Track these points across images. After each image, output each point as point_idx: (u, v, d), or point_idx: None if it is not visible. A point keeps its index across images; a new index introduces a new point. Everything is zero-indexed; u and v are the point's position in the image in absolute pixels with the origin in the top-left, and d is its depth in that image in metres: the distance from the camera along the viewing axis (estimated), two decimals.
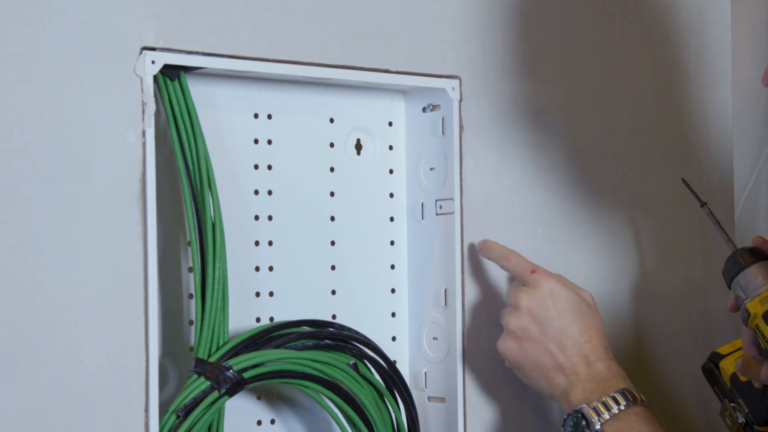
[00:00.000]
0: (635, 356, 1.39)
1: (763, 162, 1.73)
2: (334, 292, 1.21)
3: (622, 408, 1.13)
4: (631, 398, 1.14)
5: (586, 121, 1.35)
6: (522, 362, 1.19)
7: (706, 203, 1.20)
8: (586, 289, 1.21)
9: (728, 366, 1.23)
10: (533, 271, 1.20)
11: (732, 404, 1.22)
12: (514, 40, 1.28)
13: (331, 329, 1.14)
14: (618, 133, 1.38)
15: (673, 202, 1.43)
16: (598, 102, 1.36)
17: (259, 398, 1.17)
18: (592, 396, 1.14)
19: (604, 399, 1.13)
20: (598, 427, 1.12)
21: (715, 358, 1.26)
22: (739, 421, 1.21)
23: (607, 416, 1.12)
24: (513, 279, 1.24)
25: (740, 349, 1.20)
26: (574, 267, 1.32)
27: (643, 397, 1.15)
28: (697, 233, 1.45)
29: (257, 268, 1.16)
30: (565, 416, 1.15)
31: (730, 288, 1.16)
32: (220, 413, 1.08)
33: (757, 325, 1.12)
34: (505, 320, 1.19)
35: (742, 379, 1.20)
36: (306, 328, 1.13)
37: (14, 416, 0.96)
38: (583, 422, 1.12)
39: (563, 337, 1.17)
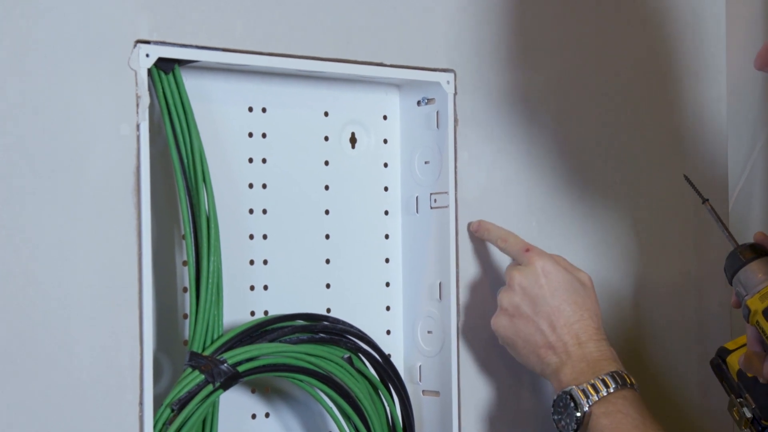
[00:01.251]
0: (630, 349, 1.39)
1: (757, 155, 1.73)
2: (328, 286, 1.21)
3: (611, 391, 1.13)
4: (620, 381, 1.14)
5: (581, 114, 1.35)
6: (514, 339, 1.19)
7: (707, 200, 1.20)
8: (584, 271, 1.21)
9: (735, 361, 1.23)
10: (527, 250, 1.20)
11: (739, 399, 1.22)
12: (508, 34, 1.28)
13: (325, 323, 1.14)
14: (612, 127, 1.38)
15: (668, 197, 1.43)
16: (593, 96, 1.36)
17: (253, 392, 1.17)
18: (581, 377, 1.14)
19: (593, 381, 1.13)
20: (586, 408, 1.12)
21: (722, 354, 1.26)
22: (747, 416, 1.21)
23: (595, 398, 1.12)
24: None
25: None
26: (569, 259, 1.32)
27: (632, 380, 1.15)
28: (691, 228, 1.45)
29: (252, 262, 1.16)
30: (555, 397, 1.15)
31: (731, 284, 1.16)
32: (214, 407, 1.08)
33: (757, 322, 1.12)
34: (499, 297, 1.20)
35: (749, 374, 1.20)
36: (300, 322, 1.13)
37: (8, 409, 0.96)
38: (572, 404, 1.12)
39: (555, 316, 1.17)
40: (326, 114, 1.21)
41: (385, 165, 1.25)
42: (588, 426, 1.12)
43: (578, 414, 1.12)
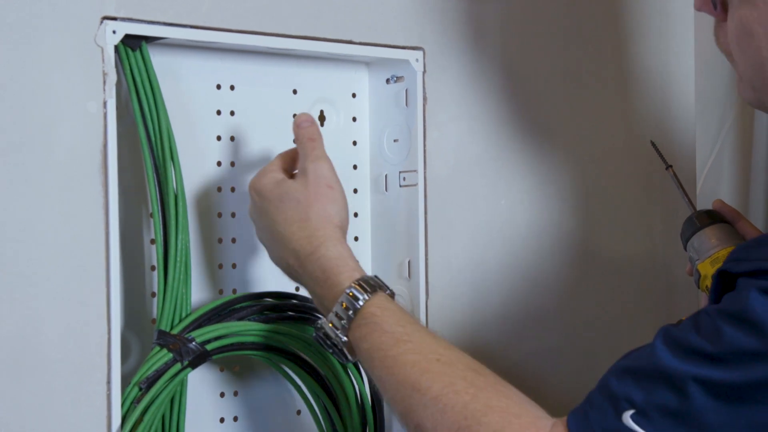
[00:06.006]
0: (594, 327, 1.39)
1: (726, 133, 1.74)
2: None
3: (359, 306, 1.02)
4: (362, 293, 1.03)
5: (549, 92, 1.35)
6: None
7: (671, 166, 1.21)
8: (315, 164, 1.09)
9: None
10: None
11: None
12: (477, 12, 1.27)
13: (294, 301, 1.14)
14: (581, 103, 1.38)
15: (637, 174, 1.43)
16: (562, 72, 1.36)
17: (222, 370, 1.17)
18: (327, 303, 1.03)
19: (335, 307, 1.02)
20: (344, 339, 1.02)
21: None
22: None
23: (345, 323, 1.02)
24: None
25: None
26: (537, 239, 1.33)
27: (374, 282, 1.04)
28: (659, 204, 1.46)
29: (220, 240, 1.16)
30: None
31: (686, 250, 1.16)
32: (182, 385, 1.08)
33: (707, 287, 1.12)
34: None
35: None
36: (269, 300, 1.13)
37: None
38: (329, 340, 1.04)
39: (275, 242, 1.08)
40: (295, 92, 1.21)
41: (354, 143, 1.25)
42: (355, 352, 1.03)
43: (340, 348, 1.03)
